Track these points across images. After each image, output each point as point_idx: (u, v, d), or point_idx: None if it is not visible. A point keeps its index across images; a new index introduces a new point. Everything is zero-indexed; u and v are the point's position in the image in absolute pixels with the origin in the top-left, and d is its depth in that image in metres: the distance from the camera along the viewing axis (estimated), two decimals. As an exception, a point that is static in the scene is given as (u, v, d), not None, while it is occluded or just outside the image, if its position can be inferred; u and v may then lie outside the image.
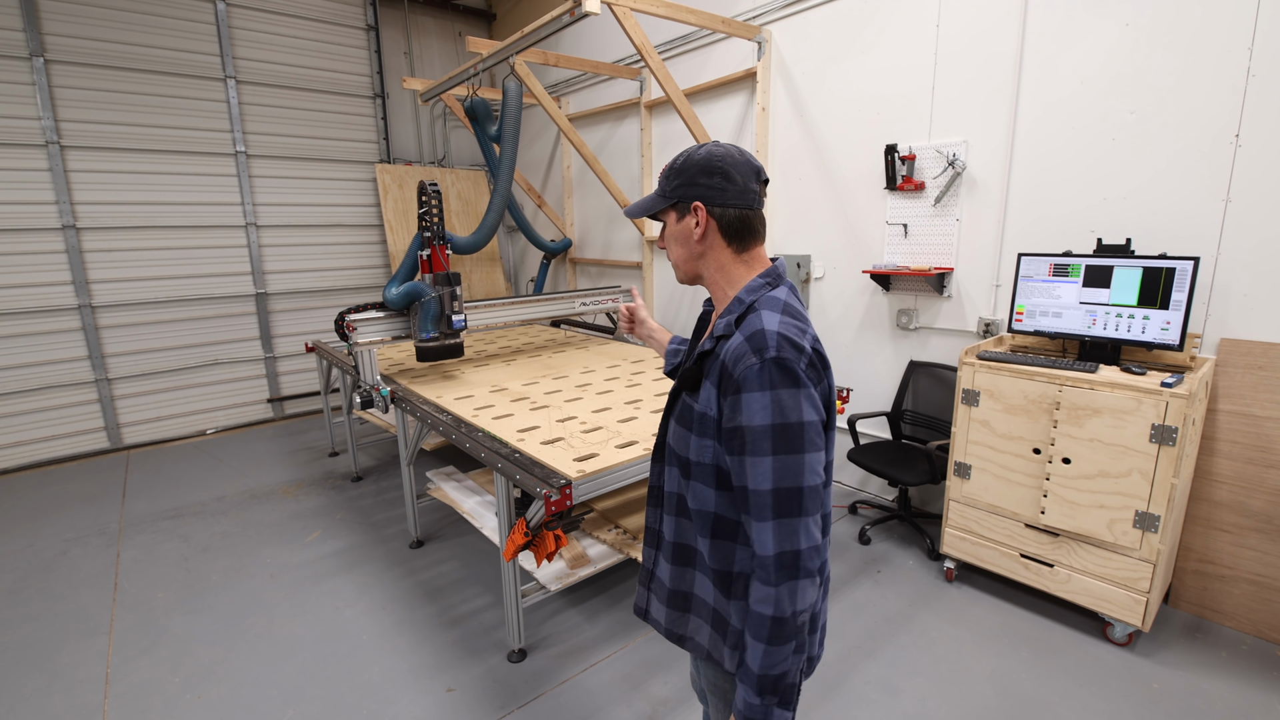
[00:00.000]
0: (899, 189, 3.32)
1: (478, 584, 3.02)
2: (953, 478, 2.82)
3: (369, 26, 5.90)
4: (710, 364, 1.07)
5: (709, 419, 1.06)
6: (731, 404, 1.01)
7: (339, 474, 4.44)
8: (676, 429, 1.14)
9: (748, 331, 1.02)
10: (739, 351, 1.00)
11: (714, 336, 1.08)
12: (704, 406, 1.07)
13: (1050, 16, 2.78)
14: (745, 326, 1.04)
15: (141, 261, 4.97)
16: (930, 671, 2.35)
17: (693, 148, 1.13)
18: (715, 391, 1.05)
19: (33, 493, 4.24)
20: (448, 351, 3.38)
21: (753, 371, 0.98)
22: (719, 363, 1.04)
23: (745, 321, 1.05)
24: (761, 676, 1.00)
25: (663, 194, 1.14)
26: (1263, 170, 2.35)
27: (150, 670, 2.48)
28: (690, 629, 1.20)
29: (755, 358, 0.98)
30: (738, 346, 1.01)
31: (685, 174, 1.11)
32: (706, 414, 1.06)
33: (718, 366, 1.04)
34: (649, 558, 1.26)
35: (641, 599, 1.29)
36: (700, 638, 1.19)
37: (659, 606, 1.24)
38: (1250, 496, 2.46)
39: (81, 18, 4.56)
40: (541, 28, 3.37)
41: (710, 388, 1.06)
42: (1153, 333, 2.48)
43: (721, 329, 1.07)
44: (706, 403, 1.06)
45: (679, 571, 1.19)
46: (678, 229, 1.15)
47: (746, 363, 0.99)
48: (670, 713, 2.19)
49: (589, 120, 5.56)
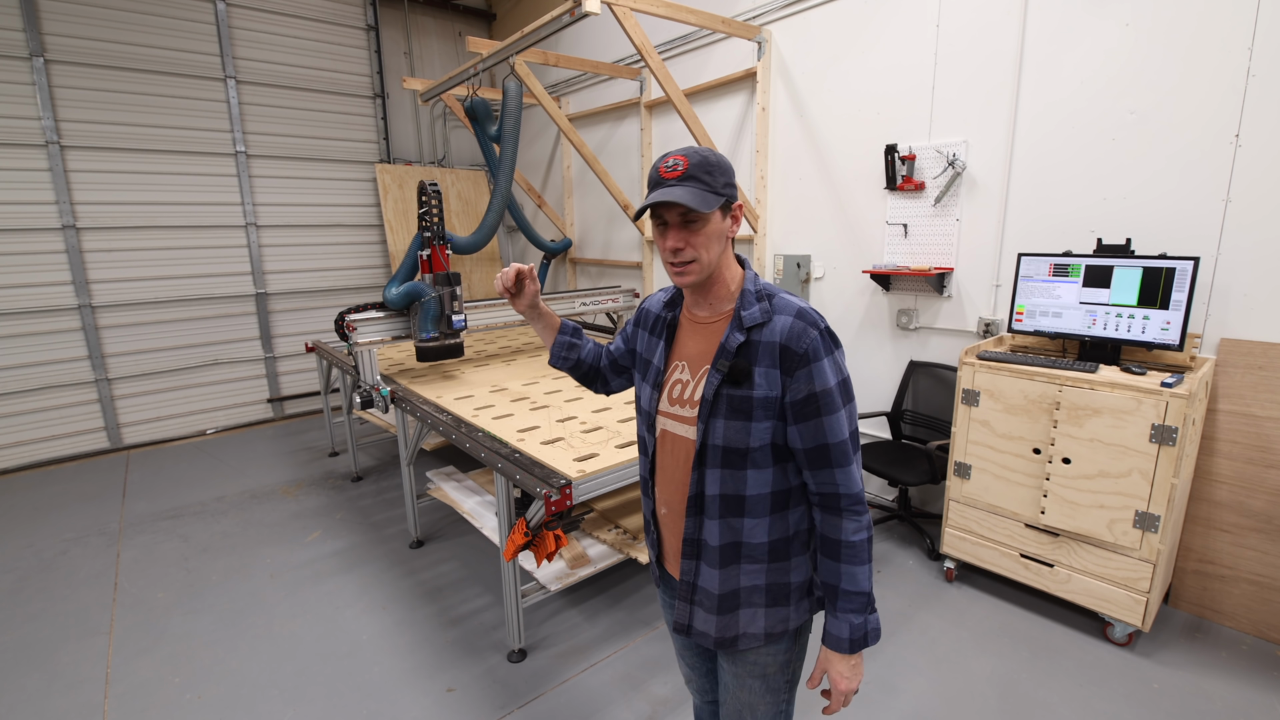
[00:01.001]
0: (899, 189, 3.32)
1: (478, 584, 3.02)
2: (953, 478, 2.82)
3: (369, 26, 5.90)
4: (754, 352, 1.13)
5: (771, 400, 1.12)
6: (802, 376, 1.10)
7: (339, 474, 4.44)
8: (729, 425, 1.14)
9: (790, 311, 1.13)
10: (796, 329, 1.11)
11: (744, 328, 1.14)
12: (765, 390, 1.12)
13: (1050, 16, 2.78)
14: (781, 308, 1.14)
15: (141, 261, 4.97)
16: (930, 671, 2.35)
17: (707, 149, 1.15)
18: (778, 372, 1.11)
19: (33, 493, 4.24)
20: (448, 351, 3.38)
21: (817, 343, 1.11)
22: (771, 345, 1.12)
23: (774, 305, 1.15)
24: (869, 593, 1.15)
25: (715, 191, 1.13)
26: (1263, 170, 2.35)
27: (150, 670, 2.48)
28: (742, 624, 1.22)
29: (815, 330, 1.11)
30: (792, 325, 1.11)
31: (726, 174, 1.15)
32: (770, 396, 1.12)
33: (771, 349, 1.12)
34: (689, 571, 1.24)
35: (683, 615, 1.27)
36: (754, 627, 1.21)
37: (706, 618, 1.23)
38: (1250, 496, 2.46)
39: (81, 18, 4.56)
40: (541, 28, 3.37)
41: (769, 371, 1.12)
42: (1153, 333, 2.47)
43: (758, 316, 1.14)
44: (768, 385, 1.12)
45: (726, 574, 1.20)
46: (720, 228, 1.16)
47: (809, 336, 1.11)
48: (670, 713, 2.19)
49: (589, 120, 5.56)
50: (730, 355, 1.14)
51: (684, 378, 1.24)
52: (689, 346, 1.25)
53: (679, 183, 1.12)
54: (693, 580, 1.24)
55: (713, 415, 1.16)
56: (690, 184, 1.11)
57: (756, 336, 1.13)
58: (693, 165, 1.12)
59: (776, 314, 1.13)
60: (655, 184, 1.15)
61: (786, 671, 1.29)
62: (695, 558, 1.23)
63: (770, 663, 1.26)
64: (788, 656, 1.28)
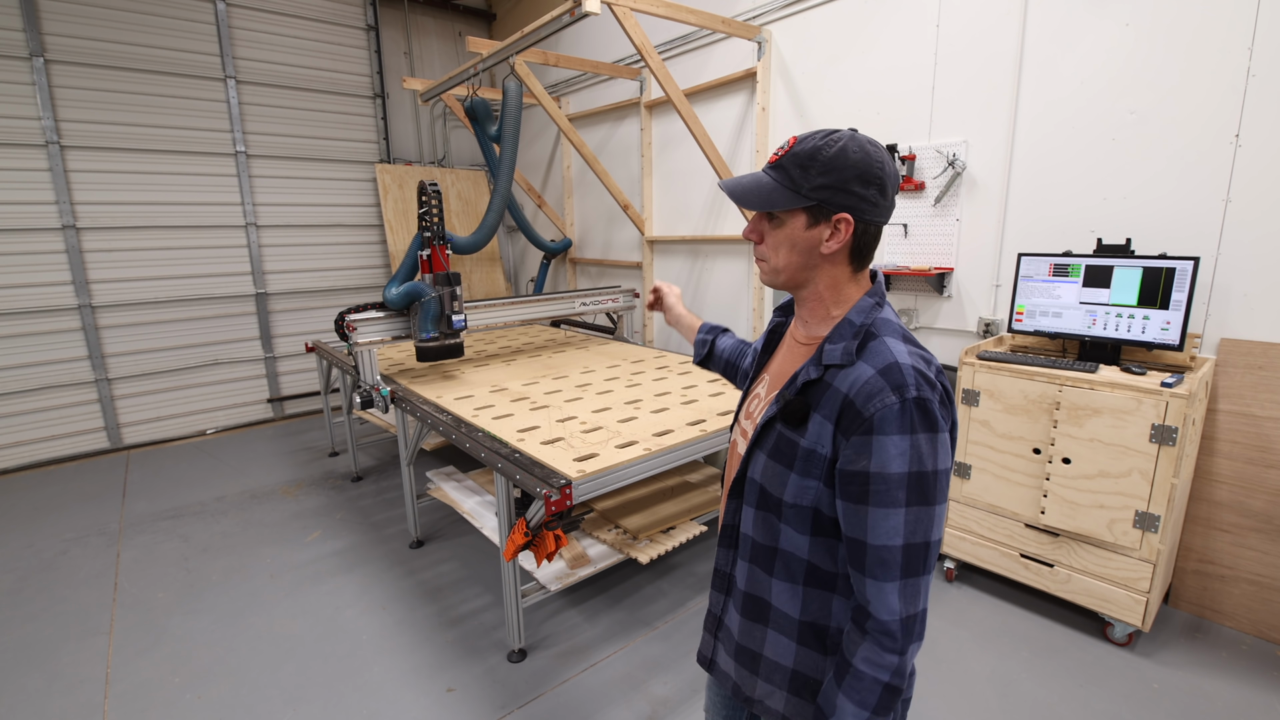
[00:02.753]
0: (899, 189, 3.32)
1: (478, 584, 3.02)
2: (953, 478, 2.82)
3: (369, 26, 5.90)
4: (820, 395, 0.94)
5: (817, 457, 0.93)
6: (858, 445, 0.88)
7: (339, 474, 4.44)
8: (770, 465, 0.98)
9: (878, 364, 0.89)
10: (873, 387, 0.88)
11: (823, 364, 0.94)
12: (812, 443, 0.93)
13: (1050, 16, 2.78)
14: (871, 356, 0.91)
15: (141, 261, 4.97)
16: (930, 671, 2.35)
17: (837, 136, 0.93)
18: (832, 428, 0.91)
19: (33, 493, 4.24)
20: (448, 351, 3.38)
21: (892, 412, 0.86)
22: (837, 395, 0.91)
23: (867, 350, 0.92)
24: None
25: (797, 189, 0.92)
26: (1263, 170, 2.35)
27: (150, 670, 2.48)
28: (759, 693, 1.07)
29: (895, 396, 0.86)
30: (870, 381, 0.88)
31: (835, 174, 0.91)
32: (815, 451, 0.93)
33: (835, 399, 0.91)
34: (716, 603, 1.14)
35: (707, 647, 1.17)
36: (774, 703, 1.05)
37: (726, 659, 1.12)
38: (1250, 496, 2.46)
39: (81, 18, 4.56)
40: (541, 28, 3.37)
41: (824, 423, 0.92)
42: (1153, 333, 2.48)
43: (839, 357, 0.93)
44: (817, 439, 0.93)
45: (748, 627, 1.07)
46: (803, 235, 0.95)
47: (884, 401, 0.86)
48: (670, 713, 2.19)
49: (589, 120, 5.56)
50: (794, 389, 0.97)
51: (761, 393, 1.11)
52: (779, 362, 1.11)
53: (770, 168, 0.96)
54: (719, 615, 1.13)
55: (758, 447, 1.01)
56: (774, 173, 0.95)
57: (832, 378, 0.93)
58: (792, 152, 0.93)
59: (863, 360, 0.91)
60: None
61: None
62: (725, 592, 1.11)
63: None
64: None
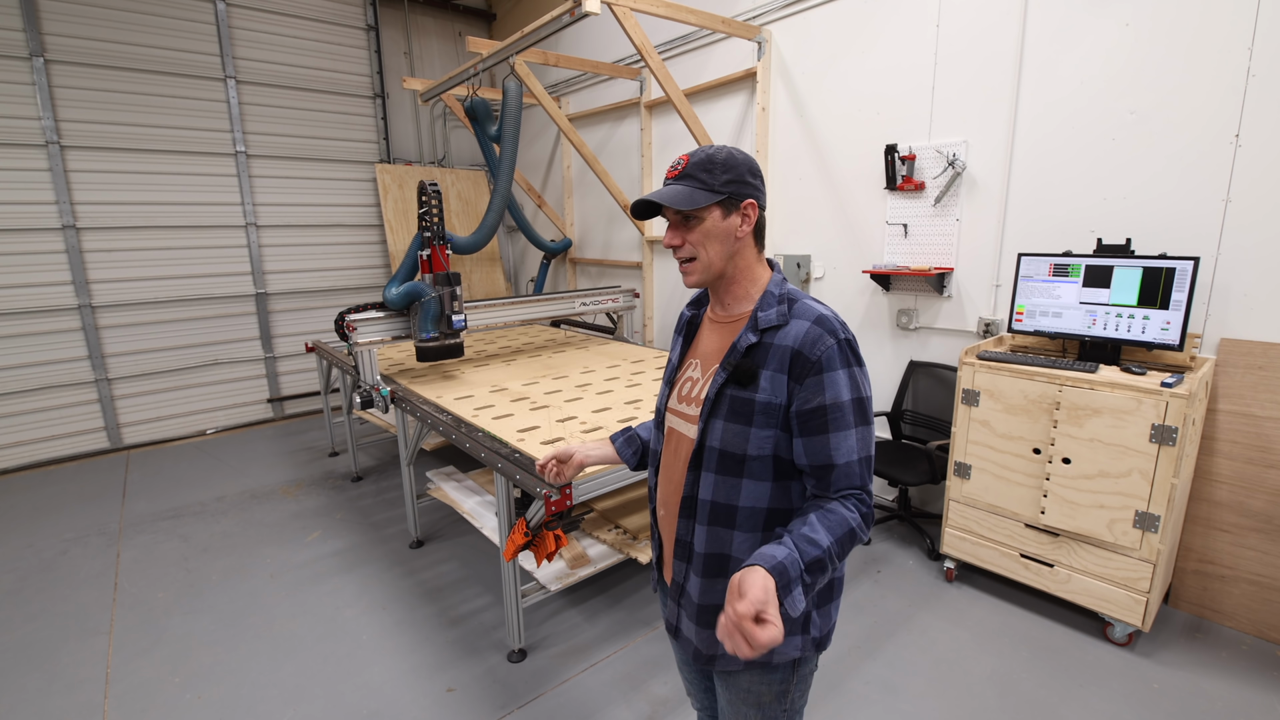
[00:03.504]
0: (899, 189, 3.32)
1: (478, 584, 3.02)
2: (953, 478, 2.82)
3: (369, 26, 5.90)
4: (764, 355, 1.07)
5: (774, 407, 1.06)
6: (812, 385, 1.04)
7: (339, 474, 4.44)
8: (729, 427, 1.09)
9: (809, 316, 1.07)
10: (812, 335, 1.05)
11: (758, 329, 1.09)
12: (768, 395, 1.06)
13: (1050, 16, 2.78)
14: (800, 313, 1.08)
15: (141, 261, 4.97)
16: (930, 672, 2.35)
17: (718, 146, 1.12)
18: (785, 378, 1.05)
19: (33, 493, 4.24)
20: (448, 351, 3.38)
21: (834, 352, 1.04)
22: (781, 350, 1.06)
23: (794, 310, 1.09)
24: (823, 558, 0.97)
25: (710, 188, 1.08)
26: (1263, 170, 2.35)
27: (150, 670, 2.48)
28: (720, 649, 1.17)
29: (831, 339, 1.04)
30: (808, 331, 1.05)
31: (734, 170, 1.09)
32: (772, 403, 1.06)
33: (781, 354, 1.06)
34: (679, 572, 1.21)
35: (672, 615, 1.25)
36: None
37: (689, 624, 1.21)
38: (1250, 496, 2.46)
39: (81, 18, 4.56)
40: (541, 28, 3.37)
41: (775, 375, 1.06)
42: (1153, 333, 2.47)
43: (774, 319, 1.08)
44: (772, 391, 1.06)
45: (709, 585, 1.16)
46: (721, 226, 1.10)
47: (825, 344, 1.04)
48: (670, 713, 2.19)
49: (589, 120, 5.56)
50: (738, 354, 1.09)
51: (694, 375, 1.21)
52: (705, 344, 1.22)
53: (675, 181, 1.10)
54: (682, 583, 1.21)
55: (713, 415, 1.12)
56: (684, 182, 1.09)
57: (770, 339, 1.08)
58: (692, 163, 1.10)
59: (794, 318, 1.08)
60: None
61: (784, 702, 1.23)
62: (686, 560, 1.20)
63: (765, 691, 1.20)
64: (784, 687, 1.21)
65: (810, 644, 1.18)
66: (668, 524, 1.25)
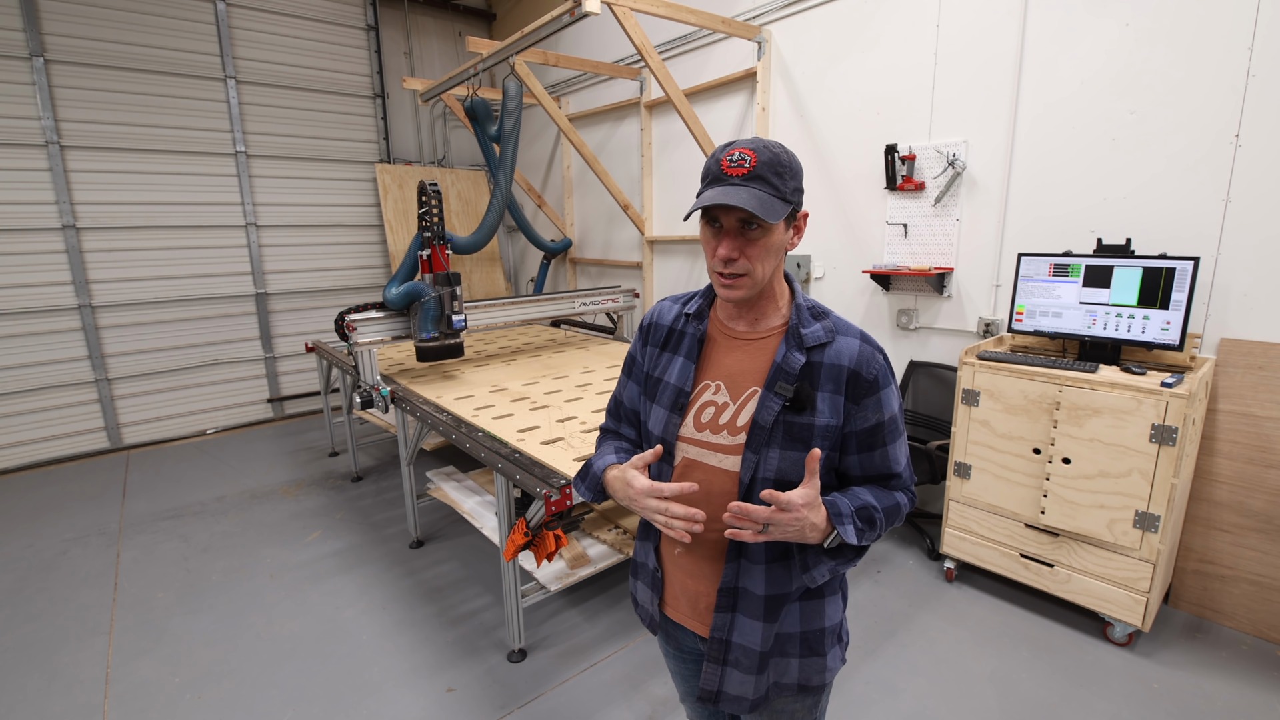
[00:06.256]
0: (899, 189, 3.32)
1: (478, 584, 3.02)
2: (953, 478, 2.82)
3: (369, 26, 5.90)
4: (814, 374, 1.02)
5: (833, 429, 1.02)
6: (871, 405, 1.02)
7: (339, 474, 4.44)
8: (786, 455, 1.00)
9: (855, 334, 1.05)
10: (865, 354, 1.02)
11: (804, 347, 1.02)
12: (829, 417, 1.01)
13: (1050, 17, 2.78)
14: (844, 329, 1.05)
15: (141, 261, 4.97)
16: (930, 671, 2.35)
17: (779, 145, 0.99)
18: (842, 399, 1.01)
19: (33, 493, 4.24)
20: (448, 351, 3.38)
21: (883, 370, 1.03)
22: (835, 369, 1.02)
23: (836, 324, 1.06)
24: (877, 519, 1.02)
25: (783, 196, 0.96)
26: (1263, 170, 2.35)
27: (150, 670, 2.48)
28: (774, 674, 1.09)
29: (880, 356, 1.04)
30: (860, 350, 1.03)
31: (798, 178, 1.00)
32: (831, 424, 1.01)
33: (836, 373, 1.01)
34: (721, 626, 1.07)
35: (712, 680, 1.08)
36: (788, 677, 1.10)
37: (742, 679, 1.07)
38: (1250, 496, 2.46)
39: (81, 18, 4.56)
40: (541, 28, 3.37)
41: (833, 396, 1.01)
42: (1153, 333, 2.47)
43: (822, 336, 1.03)
44: (831, 413, 1.01)
45: (770, 628, 1.06)
46: (779, 239, 1.00)
47: (877, 362, 1.03)
48: (670, 713, 2.19)
49: (589, 120, 5.56)
50: (792, 378, 1.00)
51: (718, 399, 1.06)
52: (726, 364, 1.08)
53: (744, 182, 0.94)
54: (726, 637, 1.07)
55: (768, 445, 1.01)
56: (757, 185, 0.94)
57: (818, 358, 1.01)
58: (761, 163, 0.95)
59: (840, 335, 1.03)
60: (715, 179, 0.96)
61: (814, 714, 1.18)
62: (731, 610, 1.06)
63: (800, 709, 1.15)
64: (819, 711, 1.17)
65: (843, 652, 1.17)
66: (690, 565, 1.12)
